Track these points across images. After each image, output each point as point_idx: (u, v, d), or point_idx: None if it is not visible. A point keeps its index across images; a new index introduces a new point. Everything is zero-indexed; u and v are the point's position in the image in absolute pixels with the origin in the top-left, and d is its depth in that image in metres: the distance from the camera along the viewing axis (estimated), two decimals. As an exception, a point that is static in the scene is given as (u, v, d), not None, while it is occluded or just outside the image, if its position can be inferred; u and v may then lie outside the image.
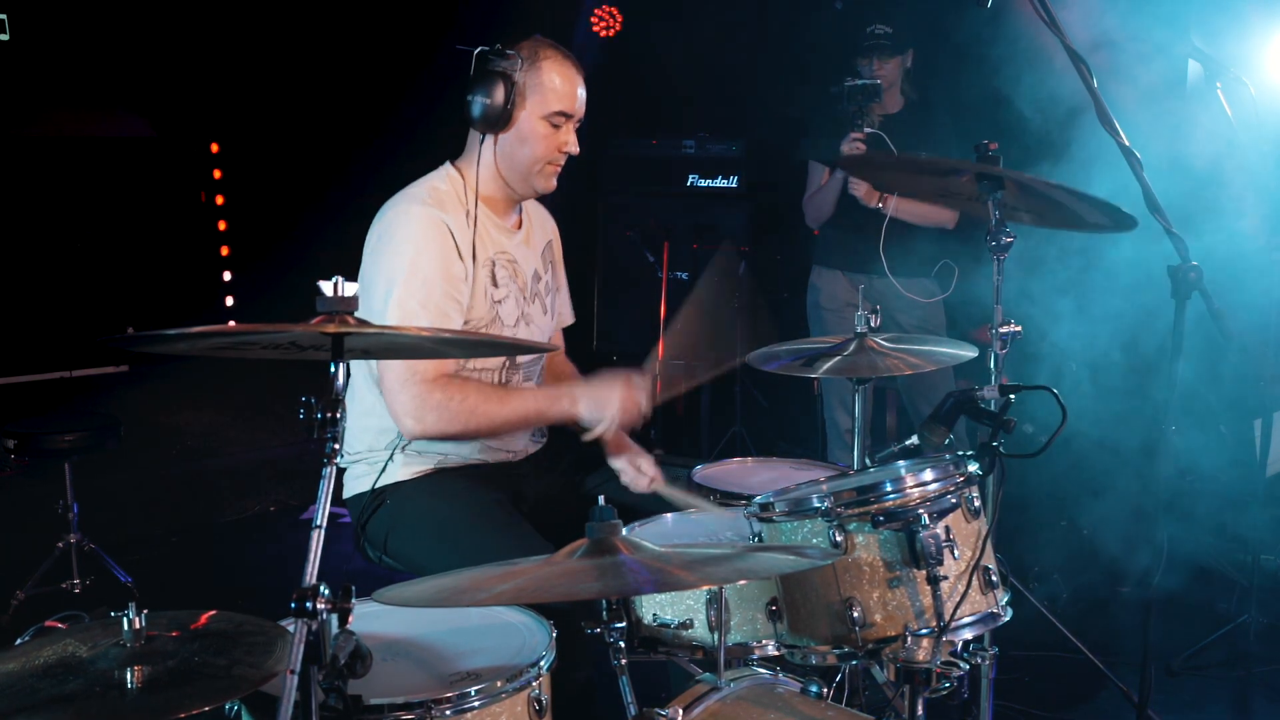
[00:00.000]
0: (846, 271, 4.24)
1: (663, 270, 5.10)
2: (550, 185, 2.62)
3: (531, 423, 2.59)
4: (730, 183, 5.70)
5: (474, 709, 1.68)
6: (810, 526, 2.01)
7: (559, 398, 2.53)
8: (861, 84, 3.95)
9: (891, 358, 2.61)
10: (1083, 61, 2.26)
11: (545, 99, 2.52)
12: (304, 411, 1.54)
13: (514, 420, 2.52)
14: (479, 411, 2.44)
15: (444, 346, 2.08)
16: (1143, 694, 2.52)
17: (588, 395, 2.51)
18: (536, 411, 2.53)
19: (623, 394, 2.48)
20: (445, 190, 2.56)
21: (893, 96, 4.16)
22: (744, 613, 2.05)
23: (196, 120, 5.93)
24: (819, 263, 4.40)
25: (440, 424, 2.43)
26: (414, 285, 2.43)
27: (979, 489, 2.09)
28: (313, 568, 1.48)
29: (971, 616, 1.99)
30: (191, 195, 6.04)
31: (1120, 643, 3.47)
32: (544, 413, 2.54)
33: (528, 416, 2.53)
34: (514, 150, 2.55)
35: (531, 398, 2.54)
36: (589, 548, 1.62)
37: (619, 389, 2.49)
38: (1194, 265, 2.31)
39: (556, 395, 2.54)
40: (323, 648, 1.46)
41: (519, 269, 2.65)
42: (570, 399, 2.52)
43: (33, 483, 4.45)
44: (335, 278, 1.57)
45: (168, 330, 1.54)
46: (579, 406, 2.50)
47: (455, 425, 2.44)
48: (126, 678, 1.45)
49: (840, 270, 4.28)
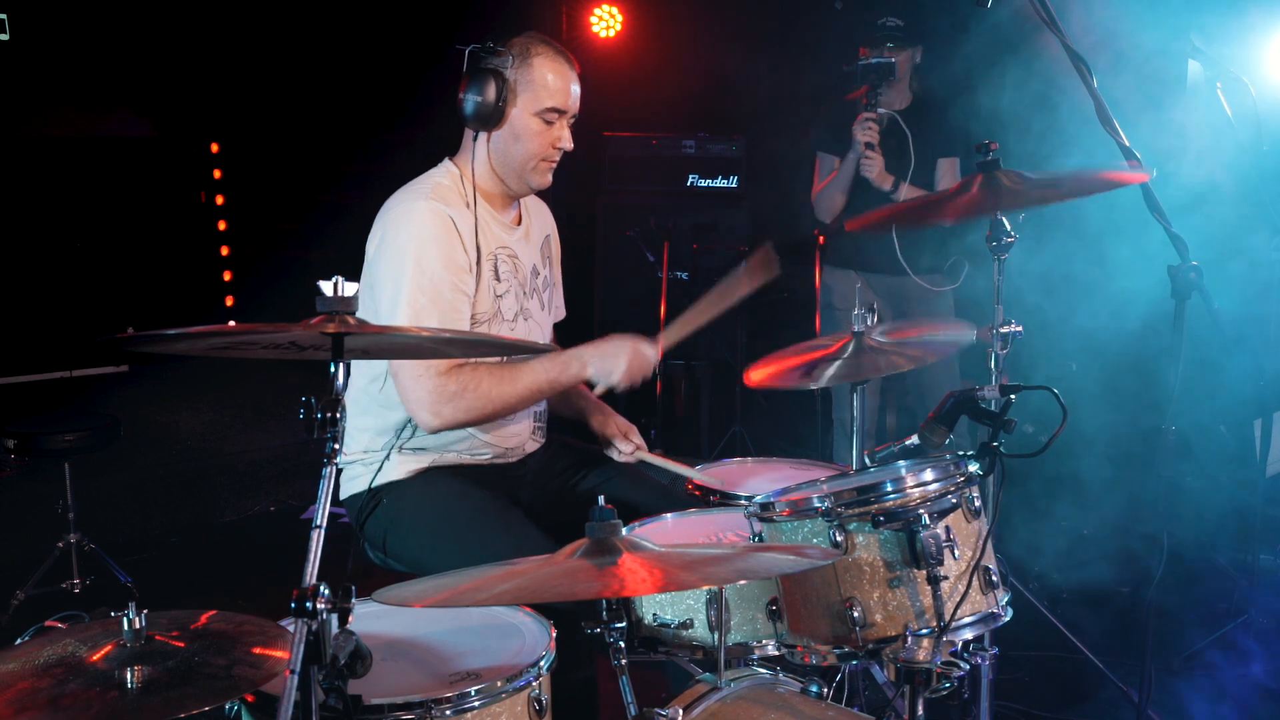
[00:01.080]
0: (859, 270, 4.22)
1: (663, 270, 5.09)
2: (545, 181, 2.62)
3: (546, 393, 2.59)
4: (730, 183, 5.70)
5: (474, 709, 1.68)
6: (811, 526, 2.01)
7: (568, 363, 2.54)
8: (876, 62, 3.92)
9: (892, 354, 2.61)
10: (1082, 61, 2.25)
11: (537, 95, 2.52)
12: (304, 411, 1.54)
13: (529, 396, 2.53)
14: (493, 396, 2.45)
15: (443, 346, 2.09)
16: (1143, 694, 2.52)
17: (596, 355, 2.53)
18: (549, 381, 2.53)
19: (630, 352, 2.51)
20: (447, 185, 2.56)
21: (900, 92, 4.15)
22: (744, 613, 2.05)
23: (197, 120, 5.93)
24: (829, 263, 4.38)
25: (457, 414, 2.44)
26: (422, 281, 2.43)
27: (979, 489, 2.09)
28: (313, 568, 1.48)
29: (972, 616, 1.99)
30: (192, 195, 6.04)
31: (1120, 642, 3.47)
32: (555, 381, 2.54)
33: (541, 388, 2.54)
34: (508, 147, 2.55)
35: (542, 368, 2.53)
36: (589, 548, 1.62)
37: (627, 347, 2.51)
38: (1194, 265, 2.31)
39: (566, 361, 2.54)
40: (323, 647, 1.46)
41: (519, 264, 2.66)
42: (580, 362, 2.53)
43: (33, 482, 4.44)
44: (335, 278, 1.58)
45: (168, 330, 1.54)
46: (589, 369, 2.52)
47: (473, 413, 2.46)
48: (126, 678, 1.45)
49: (851, 269, 4.26)
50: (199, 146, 6.03)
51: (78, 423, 4.09)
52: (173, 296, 5.79)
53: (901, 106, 4.14)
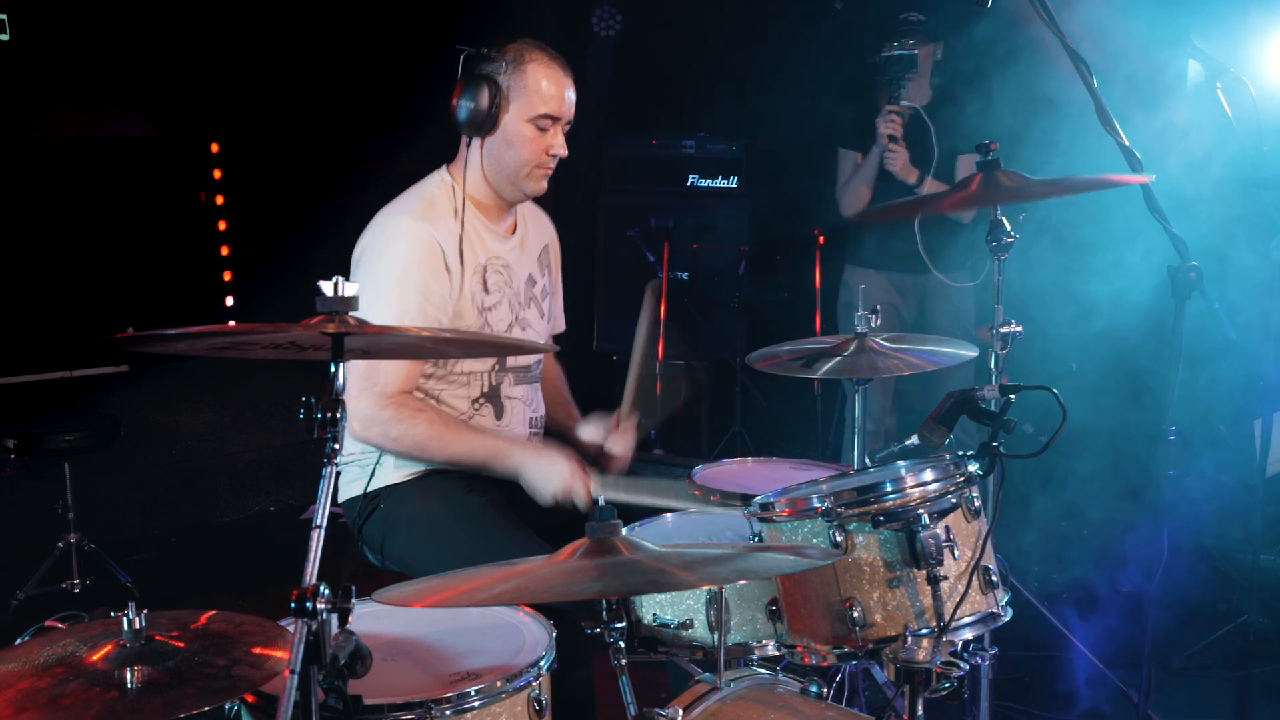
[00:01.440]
0: (882, 270, 4.20)
1: (663, 270, 5.09)
2: (540, 188, 2.60)
3: (473, 467, 2.52)
4: (730, 183, 5.70)
5: (474, 709, 1.68)
6: (810, 526, 2.01)
7: (507, 455, 2.49)
8: (899, 54, 3.88)
9: (892, 358, 2.61)
10: (1083, 61, 2.26)
11: (530, 102, 2.50)
12: (304, 411, 1.54)
13: (457, 460, 2.50)
14: (421, 445, 2.45)
15: (443, 345, 2.08)
16: (1143, 694, 2.52)
17: (535, 464, 2.46)
18: (484, 459, 2.49)
19: (565, 479, 2.43)
20: (438, 196, 2.55)
21: (921, 87, 4.12)
22: (744, 613, 2.05)
23: (197, 120, 5.92)
24: (852, 262, 4.35)
25: (382, 442, 2.45)
26: (393, 303, 2.43)
27: (979, 489, 2.09)
28: (313, 568, 1.48)
29: (971, 616, 1.99)
30: (192, 195, 6.03)
31: (1120, 643, 3.47)
32: (487, 461, 2.50)
33: (473, 459, 2.50)
34: (501, 153, 2.54)
35: (481, 445, 2.50)
36: (589, 548, 1.62)
37: (564, 472, 2.44)
38: (1194, 265, 2.32)
39: (507, 451, 2.50)
40: (323, 648, 1.46)
41: (512, 274, 2.64)
42: (517, 461, 2.48)
43: (33, 483, 4.44)
44: (335, 277, 1.57)
45: (168, 330, 1.54)
46: (524, 472, 2.47)
47: (397, 446, 2.46)
48: (126, 678, 1.45)
49: (874, 269, 4.24)
50: (199, 146, 6.02)
51: (78, 423, 4.09)
52: (173, 296, 5.78)
53: (923, 102, 4.11)
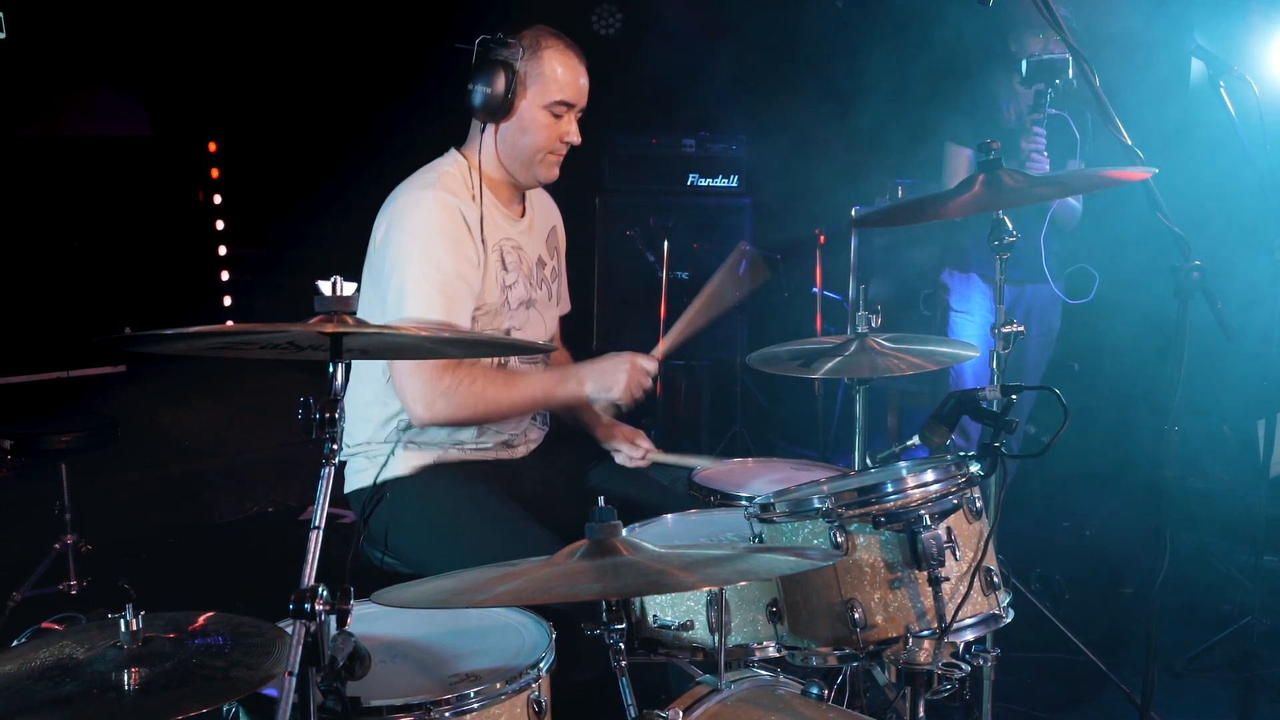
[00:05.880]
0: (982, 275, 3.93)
1: (663, 270, 5.08)
2: (553, 174, 2.62)
3: (539, 406, 2.60)
4: (730, 183, 5.70)
5: (473, 711, 1.67)
6: (811, 527, 2.00)
7: (565, 379, 2.54)
8: (1049, 59, 3.44)
9: (891, 358, 2.60)
10: (1085, 60, 2.25)
11: (546, 88, 2.52)
12: (303, 411, 1.53)
13: (521, 404, 2.53)
14: (486, 396, 2.45)
15: (442, 346, 2.08)
16: (1145, 696, 2.51)
17: (594, 374, 2.52)
18: (544, 393, 2.54)
19: (628, 371, 2.50)
20: (454, 175, 2.55)
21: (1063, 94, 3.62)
22: (744, 614, 2.03)
23: (194, 119, 5.93)
24: (953, 265, 4.08)
25: (449, 410, 2.43)
26: (429, 271, 2.42)
27: (981, 489, 2.08)
28: (311, 569, 1.47)
29: (973, 618, 1.98)
30: (189, 194, 6.04)
31: (1123, 644, 3.46)
32: (551, 394, 2.54)
33: (535, 399, 2.54)
34: (515, 139, 2.55)
35: (538, 380, 2.54)
36: (589, 548, 1.61)
37: (625, 363, 2.50)
38: (1196, 265, 2.30)
39: (563, 376, 2.55)
40: (321, 649, 1.45)
41: (524, 255, 2.66)
42: (577, 379, 2.53)
43: (30, 483, 4.43)
44: (334, 277, 1.57)
45: (165, 330, 1.53)
46: (585, 387, 2.52)
47: (464, 411, 2.45)
48: (124, 680, 1.45)
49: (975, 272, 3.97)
50: (197, 146, 6.03)
51: (75, 423, 4.07)
52: (170, 296, 5.79)
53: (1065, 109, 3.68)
